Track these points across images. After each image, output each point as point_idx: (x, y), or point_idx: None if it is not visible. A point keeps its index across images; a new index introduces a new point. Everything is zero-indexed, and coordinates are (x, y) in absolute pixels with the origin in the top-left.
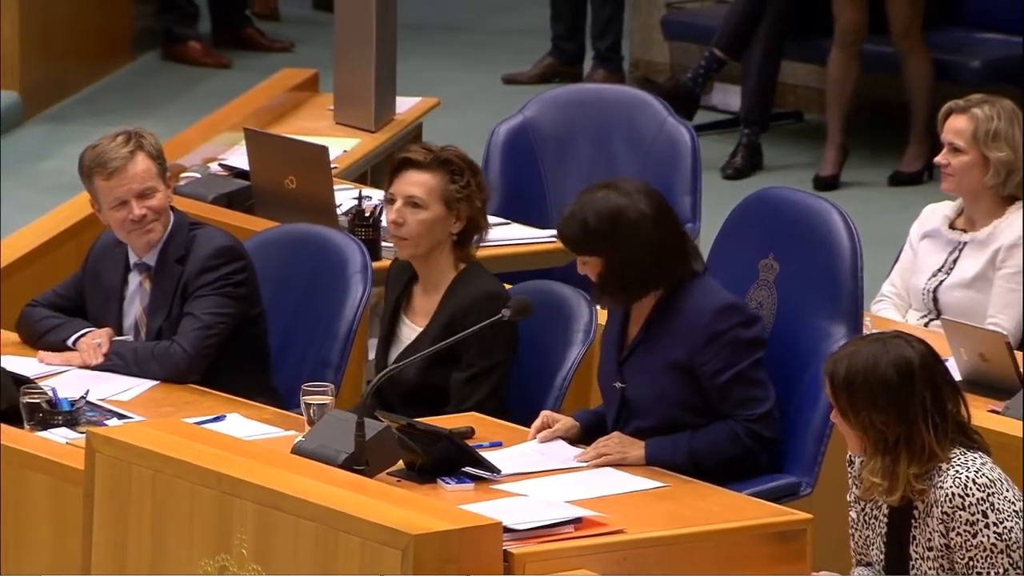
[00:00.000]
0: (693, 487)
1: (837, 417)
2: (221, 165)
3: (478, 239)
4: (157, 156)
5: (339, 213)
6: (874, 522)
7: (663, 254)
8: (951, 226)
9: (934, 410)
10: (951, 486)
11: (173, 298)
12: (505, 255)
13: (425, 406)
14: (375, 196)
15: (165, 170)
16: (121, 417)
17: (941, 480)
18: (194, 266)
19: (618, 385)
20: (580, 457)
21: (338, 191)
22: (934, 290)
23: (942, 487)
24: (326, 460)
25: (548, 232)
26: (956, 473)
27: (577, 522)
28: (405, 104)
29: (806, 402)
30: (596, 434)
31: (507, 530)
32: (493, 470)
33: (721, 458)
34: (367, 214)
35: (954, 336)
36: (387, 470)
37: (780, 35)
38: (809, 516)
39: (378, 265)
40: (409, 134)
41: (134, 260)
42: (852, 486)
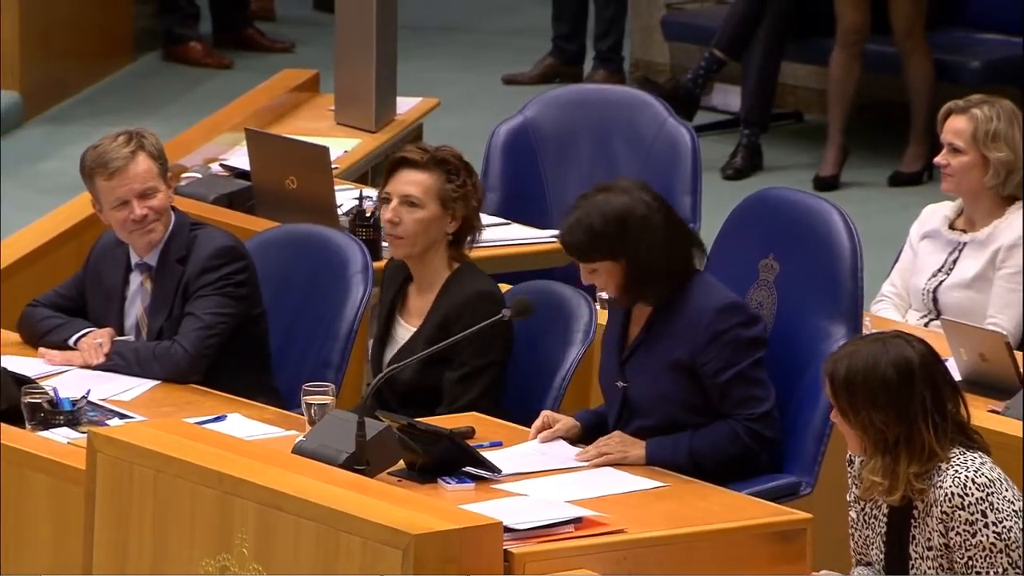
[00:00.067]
0: (693, 487)
1: (837, 417)
2: (222, 165)
3: (472, 239)
4: (158, 156)
5: (340, 213)
6: (874, 522)
7: (678, 244)
8: (951, 226)
9: (934, 410)
10: (950, 486)
11: (174, 298)
12: (505, 255)
13: (421, 406)
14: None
15: (166, 170)
16: (122, 417)
17: (941, 480)
18: (195, 266)
19: (620, 384)
20: (581, 456)
21: (339, 191)
22: (934, 290)
23: (942, 487)
24: (327, 460)
25: (548, 232)
26: (956, 473)
27: (577, 522)
28: (406, 104)
29: (806, 402)
30: (597, 434)
31: (507, 530)
32: (494, 470)
33: (721, 458)
34: (368, 214)
35: (954, 336)
36: (388, 470)
37: (780, 36)
38: (809, 516)
39: (379, 265)
40: (410, 134)
41: (135, 260)
42: (852, 486)
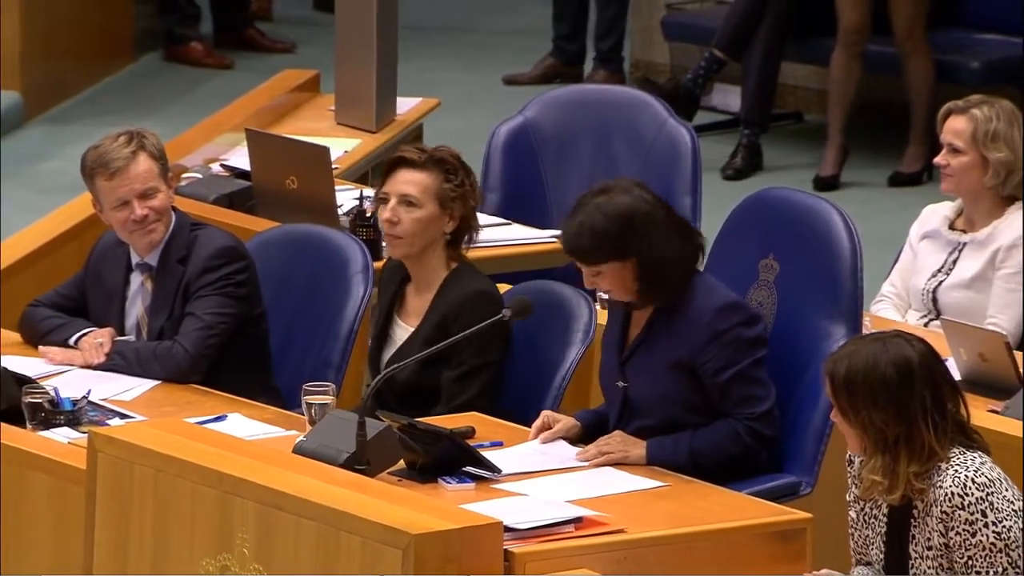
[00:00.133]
0: (693, 487)
1: (837, 416)
2: (223, 165)
3: (469, 239)
4: (159, 156)
5: (340, 213)
6: (874, 521)
7: (683, 240)
8: (951, 227)
9: (934, 409)
10: (950, 485)
11: (175, 298)
12: (505, 255)
13: (419, 405)
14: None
15: (167, 170)
16: (123, 417)
17: (940, 479)
18: (196, 266)
19: (621, 384)
20: (582, 455)
21: (339, 191)
22: (934, 290)
23: (941, 486)
24: (327, 460)
25: (548, 232)
26: (955, 472)
27: (578, 521)
28: (406, 105)
29: (806, 402)
30: (597, 434)
31: (508, 529)
32: (494, 470)
33: (722, 457)
34: (368, 214)
35: (953, 336)
36: (388, 470)
37: (780, 36)
38: (809, 516)
39: (379, 265)
40: (410, 135)
41: (136, 260)
42: (852, 486)
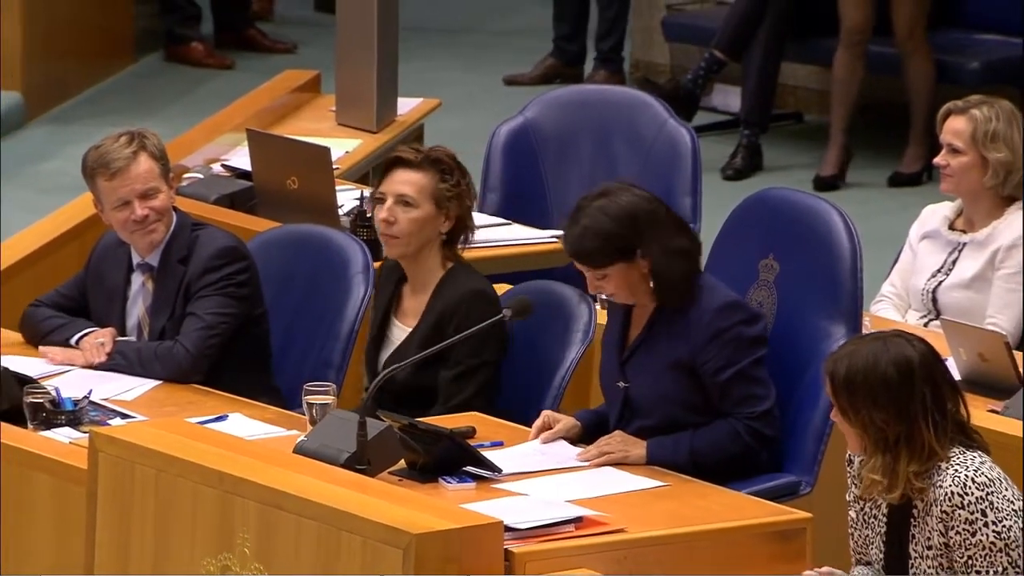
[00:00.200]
0: (693, 486)
1: (837, 416)
2: (223, 166)
3: (465, 239)
4: (160, 157)
5: (341, 213)
6: (873, 521)
7: (685, 235)
8: (950, 227)
9: (934, 408)
10: (950, 485)
11: (176, 298)
12: (506, 255)
13: (416, 405)
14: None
15: (168, 171)
16: (124, 417)
17: (940, 479)
18: (197, 266)
19: (622, 384)
20: (582, 455)
21: (340, 192)
22: (933, 290)
23: (941, 486)
24: (328, 460)
25: (549, 232)
26: (955, 472)
27: (578, 521)
28: (407, 105)
29: (806, 401)
30: (598, 434)
31: (508, 529)
32: (494, 469)
33: (722, 457)
34: (369, 215)
35: (953, 336)
36: (389, 469)
37: (780, 36)
38: (809, 515)
39: (379, 265)
40: (411, 135)
41: (137, 260)
42: (851, 485)
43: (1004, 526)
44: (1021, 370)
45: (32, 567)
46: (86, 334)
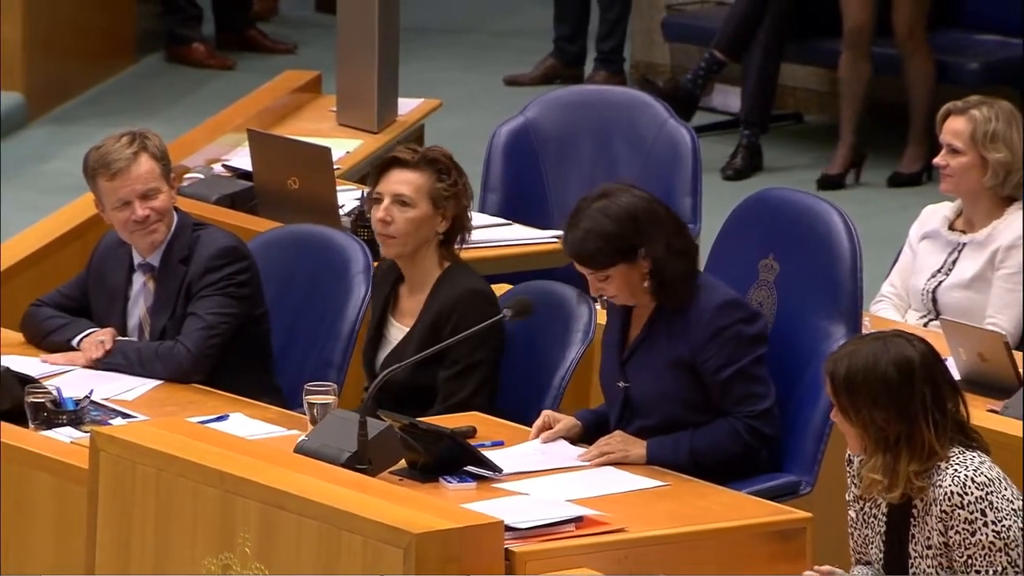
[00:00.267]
0: (693, 486)
1: (837, 416)
2: (224, 166)
3: (462, 239)
4: (161, 157)
5: (342, 214)
6: (873, 521)
7: (683, 234)
8: (950, 227)
9: (934, 408)
10: (950, 485)
11: (177, 298)
12: (506, 255)
13: (415, 405)
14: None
15: (169, 171)
16: (125, 416)
17: (940, 479)
18: (198, 266)
19: (622, 384)
20: (583, 456)
21: (341, 192)
22: (933, 290)
23: (941, 486)
24: (329, 459)
25: (549, 232)
26: (955, 472)
27: (578, 521)
28: (407, 105)
29: (806, 401)
30: (598, 434)
31: (508, 529)
32: (495, 469)
33: (722, 456)
34: (369, 215)
35: (953, 336)
36: (389, 469)
37: (780, 37)
38: (809, 515)
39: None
40: (411, 135)
41: (138, 260)
42: (851, 485)
43: (1004, 526)
44: (1021, 370)
45: (33, 567)
46: (87, 335)
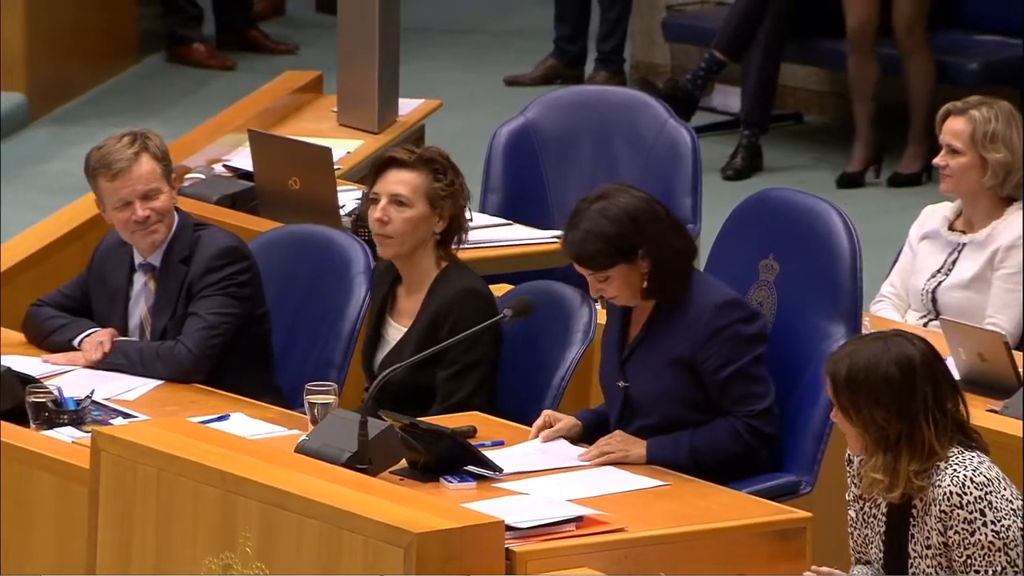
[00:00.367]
0: (694, 486)
1: (838, 416)
2: (225, 166)
3: (459, 239)
4: (162, 158)
5: (342, 214)
6: (873, 521)
7: (682, 233)
8: (950, 227)
9: (935, 407)
10: (949, 484)
11: (178, 298)
12: (507, 256)
13: (414, 405)
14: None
15: (170, 172)
16: (126, 416)
17: (939, 478)
18: (198, 266)
19: (622, 384)
20: (583, 456)
21: (341, 192)
22: (933, 291)
23: (940, 485)
24: (329, 459)
25: (550, 233)
26: (954, 472)
27: (578, 520)
28: (408, 106)
29: (806, 401)
30: (598, 433)
31: (509, 528)
32: (495, 469)
33: (722, 455)
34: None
35: (953, 336)
36: (390, 469)
37: (780, 37)
38: (809, 515)
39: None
40: (412, 135)
41: (139, 260)
42: (851, 485)
43: (1003, 525)
44: (1020, 370)
45: (34, 566)
46: (88, 335)
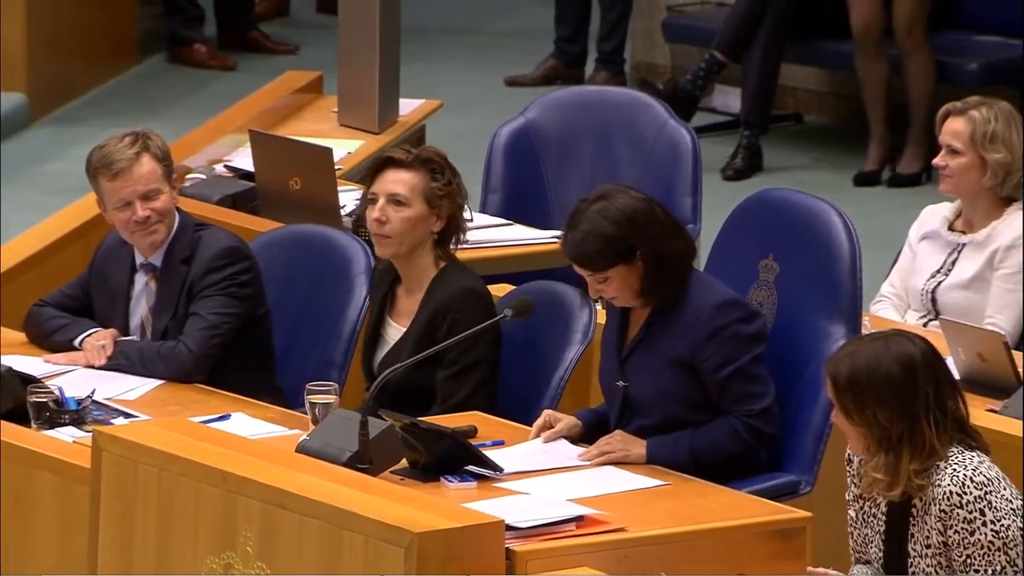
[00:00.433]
0: (694, 485)
1: (839, 416)
2: (226, 166)
3: (457, 239)
4: (163, 158)
5: (343, 214)
6: (873, 520)
7: (680, 233)
8: (950, 227)
9: (936, 406)
10: (949, 484)
11: (179, 298)
12: (507, 256)
13: (414, 405)
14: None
15: (171, 172)
16: (127, 416)
17: (939, 478)
18: (199, 266)
19: (621, 384)
20: (583, 456)
21: (342, 192)
22: (933, 291)
23: (940, 485)
24: (330, 459)
25: (550, 233)
26: (954, 471)
27: (579, 520)
28: (408, 106)
29: (806, 401)
30: (598, 433)
31: (509, 528)
32: (496, 469)
33: (722, 455)
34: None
35: (952, 336)
36: (390, 468)
37: (780, 37)
38: (808, 514)
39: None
40: (412, 136)
41: (140, 260)
42: (851, 484)
43: (1002, 525)
44: (1020, 370)
45: (35, 566)
46: (89, 335)
